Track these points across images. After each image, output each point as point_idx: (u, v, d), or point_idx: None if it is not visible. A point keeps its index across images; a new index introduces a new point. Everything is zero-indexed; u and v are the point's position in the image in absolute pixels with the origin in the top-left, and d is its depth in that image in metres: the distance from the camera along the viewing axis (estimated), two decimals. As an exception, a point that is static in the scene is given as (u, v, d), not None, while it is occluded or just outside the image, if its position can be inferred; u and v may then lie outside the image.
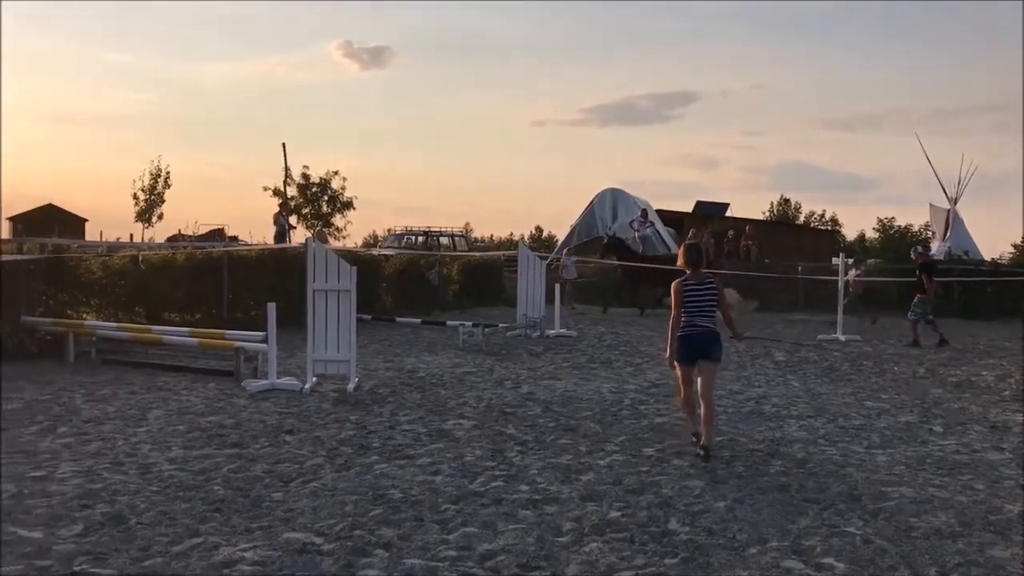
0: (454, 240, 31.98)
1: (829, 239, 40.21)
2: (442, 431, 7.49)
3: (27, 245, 12.76)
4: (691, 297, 6.89)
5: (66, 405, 8.40)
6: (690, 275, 6.98)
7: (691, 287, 6.92)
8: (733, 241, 26.63)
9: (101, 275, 13.45)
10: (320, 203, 47.08)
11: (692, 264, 7.01)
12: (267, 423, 7.73)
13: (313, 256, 9.72)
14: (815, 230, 57.05)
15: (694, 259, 7.04)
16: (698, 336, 6.86)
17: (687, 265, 7.02)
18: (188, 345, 11.09)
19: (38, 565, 4.25)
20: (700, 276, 7.03)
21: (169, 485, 5.70)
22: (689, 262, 7.01)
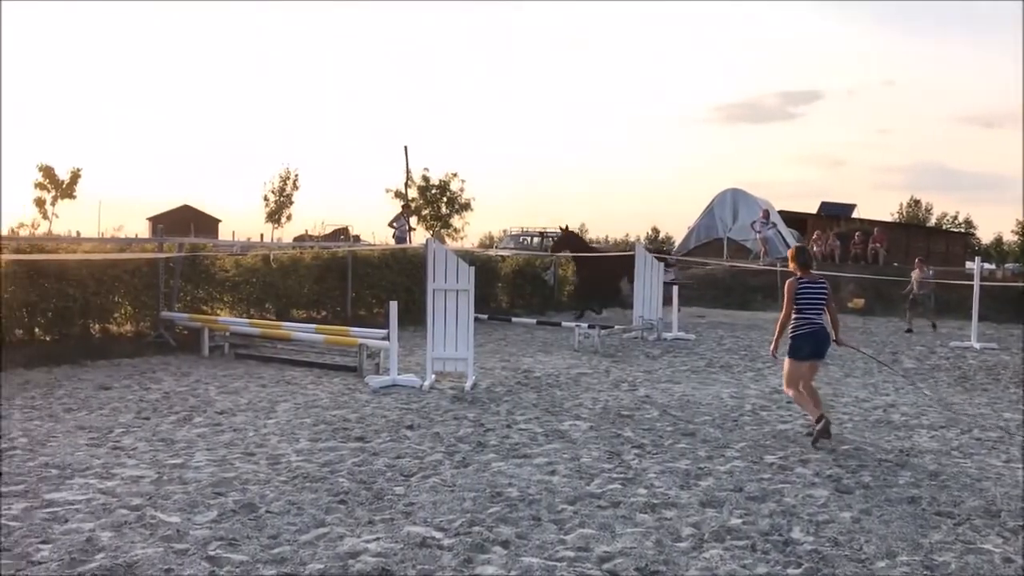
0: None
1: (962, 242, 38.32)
2: (558, 432, 7.51)
3: (166, 244, 13.42)
4: (806, 295, 7.29)
5: (201, 396, 8.82)
6: (803, 275, 7.37)
7: (806, 285, 7.33)
8: (860, 244, 25.71)
9: (234, 273, 14.07)
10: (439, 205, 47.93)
11: (804, 266, 7.43)
12: (388, 418, 7.92)
13: (433, 256, 9.90)
14: (947, 232, 54.43)
15: (806, 261, 7.49)
16: (816, 334, 7.28)
17: (800, 268, 7.43)
18: (314, 341, 11.47)
19: (176, 548, 4.48)
20: (813, 276, 7.47)
21: (296, 476, 5.92)
22: (802, 264, 7.43)
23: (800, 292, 7.27)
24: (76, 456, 6.28)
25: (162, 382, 9.62)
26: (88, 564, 4.23)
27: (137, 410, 8.03)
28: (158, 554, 4.38)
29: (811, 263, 7.53)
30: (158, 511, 5.06)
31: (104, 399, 8.52)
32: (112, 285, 12.05)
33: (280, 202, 63.06)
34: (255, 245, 21.97)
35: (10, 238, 22.17)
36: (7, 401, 8.27)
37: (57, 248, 12.82)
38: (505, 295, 20.24)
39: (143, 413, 7.91)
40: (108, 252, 13.06)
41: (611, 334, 14.37)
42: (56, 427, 7.24)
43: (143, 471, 5.94)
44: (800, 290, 7.27)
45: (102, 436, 6.95)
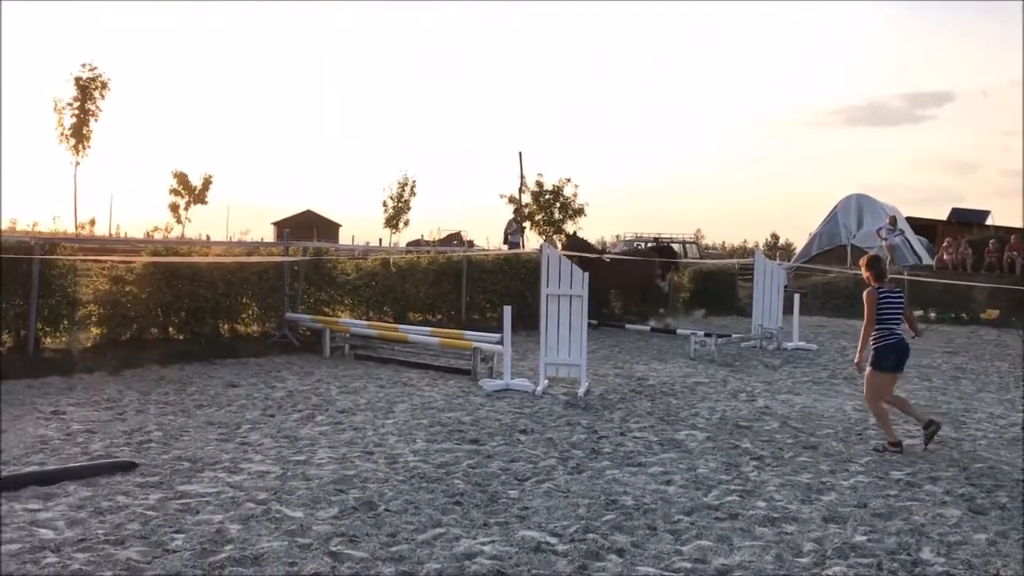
0: (685, 247, 31.57)
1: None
2: (674, 441, 7.40)
3: (291, 248, 13.90)
4: (889, 305, 7.25)
5: (323, 395, 9.09)
6: (880, 284, 7.30)
7: (887, 295, 7.27)
8: (995, 252, 24.39)
9: (355, 276, 14.45)
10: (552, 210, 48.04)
11: (879, 276, 7.33)
12: (502, 422, 7.98)
13: (547, 261, 9.92)
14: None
15: (881, 271, 7.38)
16: (900, 344, 7.25)
17: (875, 278, 7.32)
18: (430, 344, 11.66)
19: (300, 543, 4.63)
20: (890, 285, 7.40)
21: (414, 476, 6.02)
22: (877, 274, 7.34)
23: (882, 301, 7.24)
24: (206, 450, 6.57)
25: (286, 381, 9.96)
26: (218, 555, 4.42)
27: (263, 407, 8.34)
28: (283, 547, 4.53)
29: (886, 273, 7.45)
30: (283, 506, 5.24)
31: (232, 396, 8.89)
32: (241, 287, 12.56)
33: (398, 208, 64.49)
34: (374, 249, 22.52)
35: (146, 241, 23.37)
36: (143, 396, 8.72)
37: (190, 251, 13.46)
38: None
39: (268, 410, 8.21)
40: (237, 255, 13.61)
41: (728, 343, 14.08)
42: (188, 422, 7.59)
43: (268, 466, 6.16)
44: (881, 299, 7.24)
45: (230, 432, 7.25)
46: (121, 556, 4.34)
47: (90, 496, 5.31)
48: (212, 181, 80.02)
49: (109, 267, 11.60)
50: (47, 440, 6.74)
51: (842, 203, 29.24)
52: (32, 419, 7.47)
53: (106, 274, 11.48)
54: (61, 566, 4.19)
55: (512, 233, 24.34)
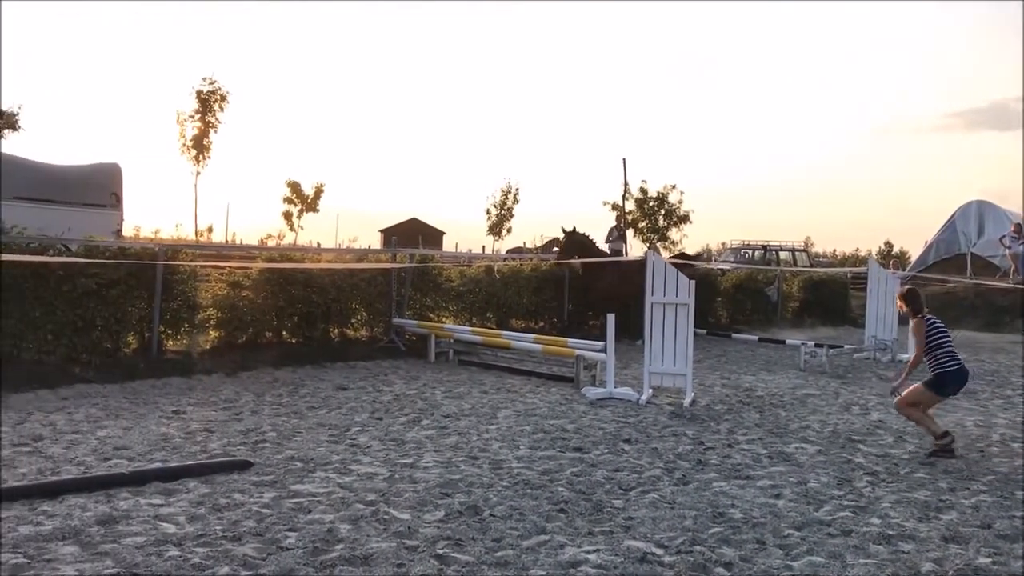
0: (794, 255, 30.73)
1: None
2: (783, 454, 7.22)
3: (399, 255, 14.19)
4: (938, 333, 7.34)
5: (428, 400, 9.23)
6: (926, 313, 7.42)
7: (936, 324, 7.38)
8: None
9: (459, 283, 14.64)
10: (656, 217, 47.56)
11: (919, 311, 7.42)
12: (606, 430, 7.93)
13: (652, 269, 9.83)
14: None
15: (920, 305, 7.46)
16: (964, 372, 7.32)
17: (915, 313, 7.41)
18: (533, 351, 11.70)
19: (407, 544, 4.71)
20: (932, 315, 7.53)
21: (518, 482, 6.05)
22: (917, 309, 7.43)
23: (932, 329, 7.35)
24: (318, 451, 6.76)
25: (393, 385, 10.15)
26: (329, 554, 4.53)
27: (371, 410, 8.53)
28: (391, 549, 4.62)
29: (923, 307, 7.49)
30: (391, 507, 5.34)
31: (342, 399, 9.12)
32: (350, 293, 12.88)
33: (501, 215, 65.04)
34: (479, 256, 22.74)
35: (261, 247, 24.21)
36: (258, 397, 9.03)
37: (303, 258, 13.88)
38: (725, 310, 19.76)
39: (376, 413, 8.38)
40: (347, 262, 13.97)
41: (840, 354, 13.66)
42: (300, 423, 7.82)
43: (377, 468, 6.29)
44: (932, 327, 7.36)
45: (340, 434, 7.44)
46: (238, 552, 4.50)
47: (209, 493, 5.53)
48: (323, 190, 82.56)
49: (227, 273, 12.06)
50: (169, 438, 7.05)
51: (961, 210, 28.00)
52: (155, 418, 7.83)
53: (224, 279, 11.96)
54: (182, 559, 4.37)
55: (613, 240, 24.19)
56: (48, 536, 4.60)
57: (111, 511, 5.05)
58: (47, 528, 4.72)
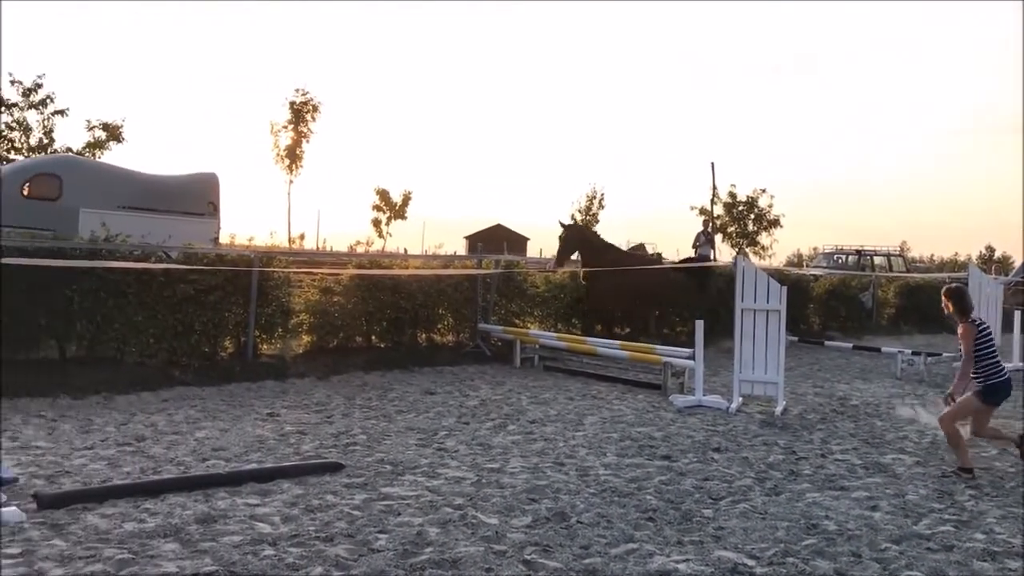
0: (889, 260, 29.81)
1: None
2: (879, 465, 7.00)
3: (484, 261, 14.29)
4: (989, 341, 6.95)
5: (514, 405, 9.26)
6: (973, 317, 6.99)
7: (983, 327, 6.96)
8: None
9: (544, 289, 14.64)
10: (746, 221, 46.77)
11: (966, 311, 7.00)
12: (694, 439, 7.82)
13: (742, 275, 9.66)
14: None
15: (968, 304, 7.04)
16: (1010, 382, 6.94)
17: (961, 312, 6.99)
18: (619, 357, 11.62)
19: (495, 549, 4.73)
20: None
21: (605, 489, 6.02)
22: (964, 309, 7.01)
23: (981, 335, 6.91)
24: (406, 455, 6.85)
25: (479, 390, 10.22)
26: (419, 556, 4.59)
27: (458, 415, 8.60)
28: (479, 553, 4.65)
29: (971, 308, 7.04)
30: (478, 512, 5.38)
31: (430, 403, 9.22)
32: (437, 298, 13.02)
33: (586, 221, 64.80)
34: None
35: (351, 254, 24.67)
36: (349, 400, 9.21)
37: (391, 264, 14.10)
38: (817, 317, 19.27)
39: (463, 418, 8.45)
40: (434, 268, 14.12)
41: (938, 362, 13.18)
42: (389, 427, 7.94)
43: (464, 473, 6.34)
44: (981, 333, 6.92)
45: (428, 437, 7.52)
46: (331, 552, 4.59)
47: (302, 494, 5.66)
48: (411, 197, 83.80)
49: (319, 279, 12.34)
50: (264, 440, 7.24)
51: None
52: (251, 420, 8.06)
53: (316, 285, 12.23)
54: (277, 559, 4.48)
55: (701, 245, 23.86)
56: (151, 533, 4.78)
57: (209, 510, 5.21)
58: (150, 525, 4.90)
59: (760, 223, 46.84)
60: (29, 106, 33.59)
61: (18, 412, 7.86)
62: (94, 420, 7.72)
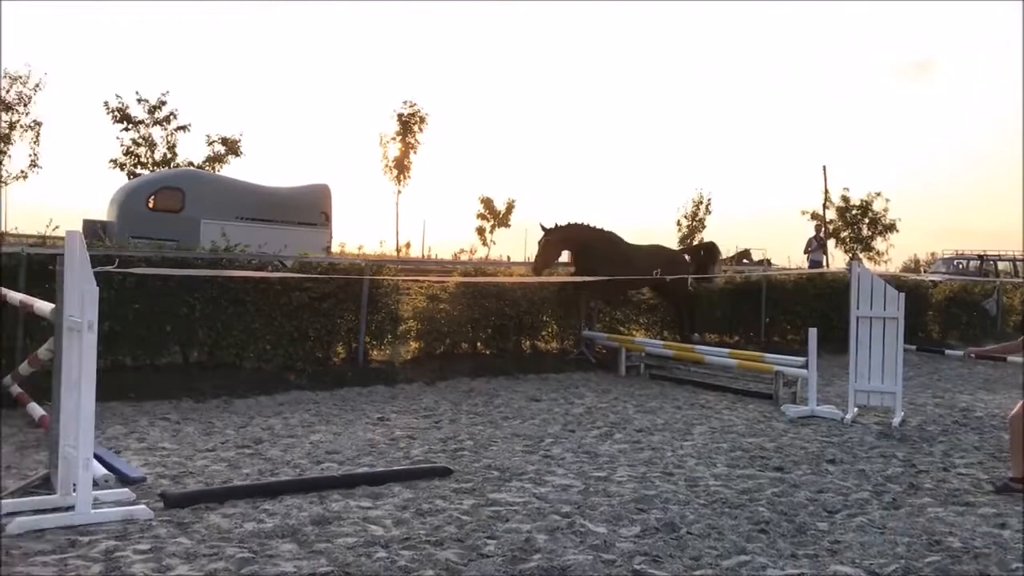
0: (1015, 265, 28.37)
1: None
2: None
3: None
4: None
5: (620, 414, 9.20)
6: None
7: None
8: None
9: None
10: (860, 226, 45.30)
11: None
12: (808, 450, 7.61)
13: (857, 281, 9.35)
14: None
15: None
16: None
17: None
18: (728, 366, 11.41)
19: (604, 558, 4.71)
20: None
21: (715, 500, 5.91)
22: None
23: None
24: (513, 461, 6.89)
25: (584, 397, 10.20)
26: (527, 563, 4.60)
27: (564, 422, 8.60)
28: (588, 561, 4.64)
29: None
30: (586, 520, 5.36)
31: (535, 410, 9.25)
32: (541, 305, 13.07)
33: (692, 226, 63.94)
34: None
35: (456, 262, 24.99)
36: (456, 406, 9.32)
37: (496, 272, 14.23)
38: (936, 324, 18.49)
39: (569, 426, 8.45)
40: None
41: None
42: (496, 433, 8.01)
43: (571, 480, 6.33)
44: None
45: (534, 444, 7.55)
46: (441, 556, 4.66)
47: (412, 498, 5.76)
48: (515, 205, 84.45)
49: (426, 287, 12.56)
50: (375, 444, 7.41)
51: None
52: (362, 424, 8.25)
53: (423, 293, 12.45)
54: (389, 561, 4.57)
55: (813, 251, 23.23)
56: (269, 533, 4.95)
57: (324, 512, 5.36)
58: (268, 526, 5.07)
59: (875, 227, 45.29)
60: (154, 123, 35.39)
61: (145, 414, 8.26)
62: (215, 423, 8.05)
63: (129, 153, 35.23)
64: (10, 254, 9.13)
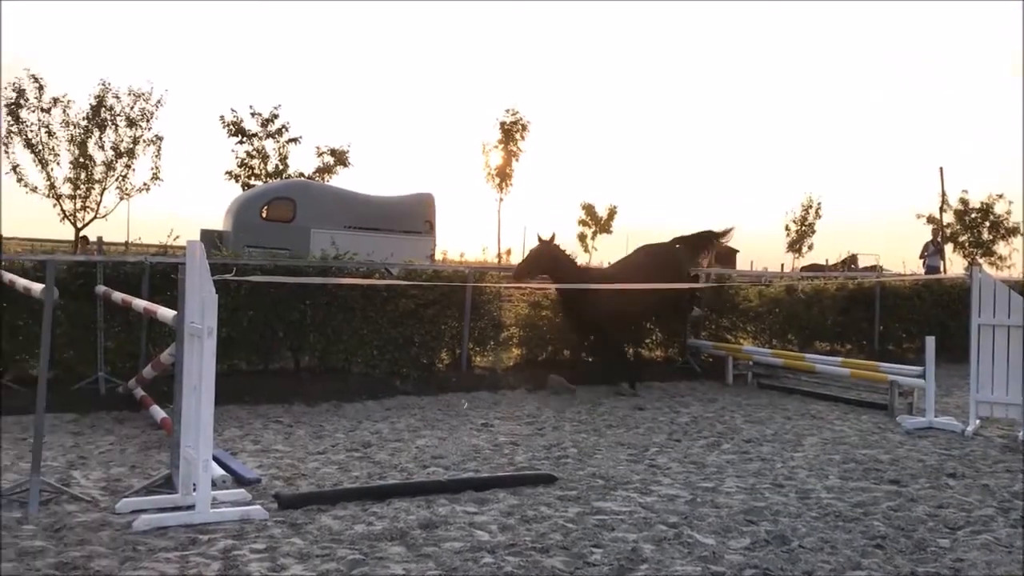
0: None
1: None
2: None
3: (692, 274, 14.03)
4: None
5: (727, 423, 9.03)
6: None
7: None
8: None
9: (757, 303, 14.20)
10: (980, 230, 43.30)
11: None
12: (926, 463, 7.31)
13: (979, 287, 8.93)
14: None
15: None
16: None
17: None
18: (839, 375, 11.07)
19: (713, 570, 4.62)
20: None
21: (828, 513, 5.73)
22: None
23: None
24: (618, 470, 6.84)
25: (690, 406, 10.05)
26: (634, 573, 4.56)
27: (669, 431, 8.50)
28: (696, 573, 4.56)
29: None
30: (694, 531, 5.28)
31: (639, 419, 9.17)
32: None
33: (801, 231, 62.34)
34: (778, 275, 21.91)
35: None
36: (559, 413, 9.32)
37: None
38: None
39: (674, 435, 8.34)
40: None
41: None
42: (600, 441, 7.96)
43: (677, 491, 6.24)
44: None
45: (639, 453, 7.48)
46: (547, 563, 4.66)
47: (517, 504, 5.78)
48: (617, 211, 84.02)
49: (528, 293, 12.60)
50: (479, 449, 7.47)
51: None
52: (466, 429, 8.33)
53: (525, 300, 12.50)
54: (496, 567, 4.60)
55: (929, 256, 22.32)
56: (378, 536, 5.04)
57: (431, 516, 5.43)
58: (377, 528, 5.18)
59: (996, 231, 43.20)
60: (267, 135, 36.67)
61: (259, 417, 8.55)
62: (325, 426, 8.27)
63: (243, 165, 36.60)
64: (134, 263, 9.61)
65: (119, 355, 9.47)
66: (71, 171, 35.54)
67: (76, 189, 35.75)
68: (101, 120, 35.74)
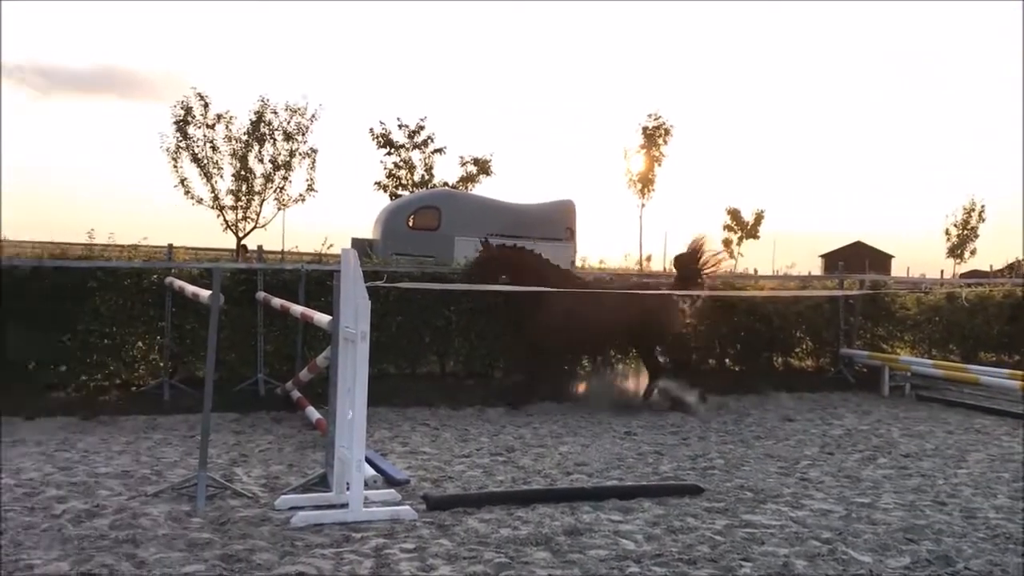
0: None
1: None
2: None
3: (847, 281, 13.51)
4: None
5: (884, 437, 8.63)
6: None
7: None
8: None
9: (915, 311, 13.51)
10: None
11: None
12: (1109, 485, 6.75)
13: None
14: None
15: None
16: None
17: None
18: (1008, 388, 10.38)
19: (870, 589, 4.43)
20: None
21: (997, 535, 5.39)
22: None
23: None
24: (767, 482, 6.64)
25: (843, 418, 9.66)
26: (785, 588, 4.42)
27: (821, 444, 8.19)
28: (853, 592, 4.38)
29: None
30: (849, 548, 5.06)
31: (789, 430, 8.88)
32: (795, 321, 12.54)
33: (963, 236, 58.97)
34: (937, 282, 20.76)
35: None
36: (704, 423, 9.14)
37: (744, 286, 13.83)
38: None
39: (827, 448, 8.03)
40: (791, 289, 13.64)
41: None
42: (748, 452, 7.76)
43: (831, 505, 6.01)
44: None
45: (790, 466, 7.24)
46: (694, 575, 4.57)
47: (663, 514, 5.70)
48: (763, 216, 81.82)
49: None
50: (623, 458, 7.41)
51: None
52: (609, 437, 8.29)
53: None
54: (642, 576, 4.55)
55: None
56: (524, 540, 5.08)
57: (575, 523, 5.43)
58: (523, 533, 5.22)
59: None
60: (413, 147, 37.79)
61: (407, 420, 8.78)
62: (470, 430, 8.41)
63: (391, 175, 37.86)
64: (291, 270, 10.08)
65: (276, 358, 9.96)
66: (233, 183, 37.64)
67: (237, 200, 37.84)
68: (260, 135, 37.72)
